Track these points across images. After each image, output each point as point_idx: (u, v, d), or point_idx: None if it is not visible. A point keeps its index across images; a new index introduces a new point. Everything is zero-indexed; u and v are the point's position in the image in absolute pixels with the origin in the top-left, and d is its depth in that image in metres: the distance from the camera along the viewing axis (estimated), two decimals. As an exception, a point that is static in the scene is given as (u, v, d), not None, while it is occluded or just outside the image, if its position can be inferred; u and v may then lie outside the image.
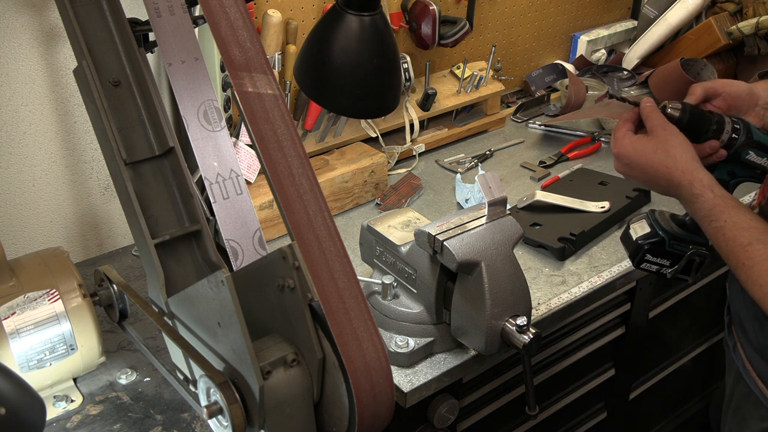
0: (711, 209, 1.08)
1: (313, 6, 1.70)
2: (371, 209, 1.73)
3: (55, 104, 1.46)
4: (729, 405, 1.37)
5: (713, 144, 1.19)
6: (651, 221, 1.27)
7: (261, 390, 0.78)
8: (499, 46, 2.16)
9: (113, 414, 1.19)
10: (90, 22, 1.04)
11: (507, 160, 1.95)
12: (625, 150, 1.18)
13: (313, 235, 0.81)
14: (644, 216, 1.29)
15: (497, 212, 1.22)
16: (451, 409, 1.34)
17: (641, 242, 1.26)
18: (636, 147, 1.17)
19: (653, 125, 1.17)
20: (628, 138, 1.19)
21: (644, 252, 1.26)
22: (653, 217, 1.27)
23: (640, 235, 1.26)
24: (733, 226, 1.04)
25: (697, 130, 1.18)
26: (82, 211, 1.58)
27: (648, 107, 1.19)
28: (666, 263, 1.27)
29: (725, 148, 1.19)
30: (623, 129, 1.21)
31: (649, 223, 1.27)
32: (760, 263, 1.01)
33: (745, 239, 1.03)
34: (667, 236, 1.24)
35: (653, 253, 1.26)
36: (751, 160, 1.19)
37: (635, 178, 1.20)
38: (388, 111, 1.38)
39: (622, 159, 1.19)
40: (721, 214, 1.06)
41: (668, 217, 1.27)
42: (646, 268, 1.28)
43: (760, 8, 2.13)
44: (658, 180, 1.16)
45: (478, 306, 1.16)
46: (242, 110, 0.84)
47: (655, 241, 1.25)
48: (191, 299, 0.89)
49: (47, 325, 1.11)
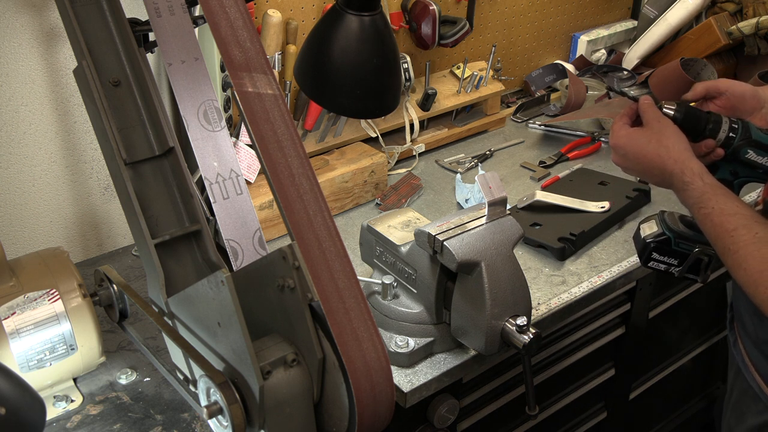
0: (700, 196, 1.10)
1: (313, 6, 1.70)
2: (371, 209, 1.73)
3: (55, 104, 1.46)
4: (729, 400, 1.38)
5: (709, 143, 1.20)
6: (659, 221, 1.29)
7: (261, 390, 0.78)
8: (499, 46, 2.16)
9: (113, 414, 1.19)
10: (90, 22, 1.04)
11: (507, 160, 1.95)
12: (621, 141, 1.22)
13: (313, 235, 0.81)
14: (654, 216, 1.31)
15: (497, 212, 1.22)
16: (451, 409, 1.34)
17: (648, 241, 1.28)
18: (631, 137, 1.21)
19: (649, 118, 1.21)
20: (624, 130, 1.23)
21: (651, 250, 1.28)
22: (661, 217, 1.30)
23: (648, 234, 1.29)
24: (720, 213, 1.07)
25: (693, 128, 1.20)
26: (82, 211, 1.58)
27: (645, 103, 1.23)
28: (674, 262, 1.28)
29: (723, 147, 1.20)
30: (620, 122, 1.25)
31: (657, 222, 1.29)
32: (744, 247, 1.03)
33: (731, 225, 1.05)
34: (673, 235, 1.26)
35: (660, 251, 1.28)
36: (751, 159, 1.20)
37: (630, 169, 1.24)
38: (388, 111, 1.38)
39: (618, 150, 1.23)
40: (708, 201, 1.09)
41: (677, 218, 1.29)
42: (654, 267, 1.30)
43: (760, 8, 2.13)
44: (651, 170, 1.19)
45: (478, 306, 1.16)
46: (242, 110, 0.84)
47: (662, 240, 1.27)
48: (191, 299, 0.89)
49: (47, 325, 1.11)
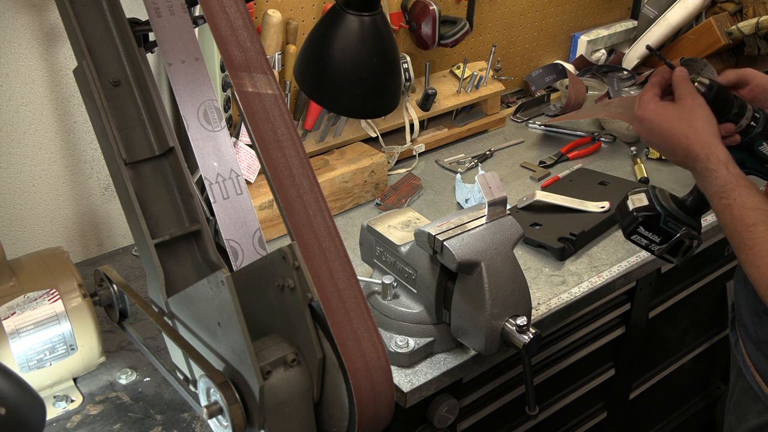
0: (723, 186, 1.07)
1: (313, 6, 1.70)
2: (371, 209, 1.73)
3: (55, 104, 1.46)
4: (730, 400, 1.38)
5: (729, 127, 1.18)
6: (651, 196, 1.27)
7: (261, 390, 0.78)
8: (499, 46, 2.16)
9: (113, 414, 1.19)
10: (90, 22, 1.04)
11: (507, 160, 1.95)
12: (649, 114, 1.17)
13: (313, 235, 0.81)
14: (644, 190, 1.28)
15: (497, 212, 1.22)
16: (451, 409, 1.34)
17: (636, 214, 1.25)
18: (660, 112, 1.16)
19: (682, 93, 1.16)
20: (654, 102, 1.18)
21: (638, 224, 1.25)
22: (653, 192, 1.27)
23: (637, 206, 1.26)
24: (741, 206, 1.04)
25: (720, 110, 1.17)
26: (82, 211, 1.58)
27: (680, 75, 1.17)
28: (656, 239, 1.26)
29: (741, 134, 1.18)
30: (650, 93, 1.19)
31: (648, 197, 1.26)
32: (762, 244, 1.01)
33: (750, 220, 1.02)
34: (664, 212, 1.24)
35: (646, 226, 1.25)
36: (764, 152, 1.19)
37: (653, 143, 1.19)
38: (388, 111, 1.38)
39: (645, 123, 1.18)
40: (731, 192, 1.06)
41: (668, 195, 1.26)
42: (635, 240, 1.28)
43: (760, 8, 2.13)
44: (675, 149, 1.14)
45: (478, 306, 1.16)
46: (242, 110, 0.84)
47: (651, 215, 1.24)
48: (191, 299, 0.89)
49: (47, 325, 1.11)
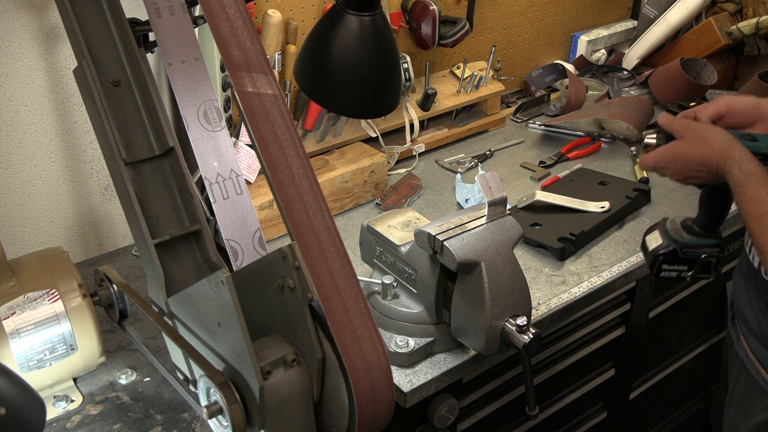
0: (736, 184, 1.13)
1: (313, 6, 1.70)
2: (371, 209, 1.73)
3: (55, 104, 1.46)
4: (731, 399, 1.38)
5: None
6: (662, 232, 1.32)
7: (261, 390, 0.78)
8: (499, 46, 2.16)
9: (113, 414, 1.19)
10: (90, 22, 1.04)
11: (507, 160, 1.95)
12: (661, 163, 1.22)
13: (313, 235, 0.81)
14: (657, 227, 1.34)
15: (497, 212, 1.22)
16: (451, 409, 1.34)
17: (656, 254, 1.31)
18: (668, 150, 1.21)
19: (678, 128, 1.21)
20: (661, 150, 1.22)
21: (660, 262, 1.31)
22: (664, 227, 1.32)
23: (654, 246, 1.32)
24: (750, 200, 1.10)
25: None
26: (82, 211, 1.58)
27: (665, 120, 1.23)
28: (683, 268, 1.32)
29: None
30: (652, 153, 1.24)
31: (661, 234, 1.32)
32: None
33: (757, 211, 1.09)
34: (678, 246, 1.29)
35: (669, 262, 1.31)
36: None
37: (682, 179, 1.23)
38: (388, 111, 1.38)
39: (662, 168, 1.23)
40: (742, 189, 1.12)
41: (679, 226, 1.31)
42: (666, 276, 1.33)
43: (760, 8, 2.13)
44: (699, 173, 1.19)
45: (478, 306, 1.16)
46: (242, 110, 0.84)
47: (669, 251, 1.30)
48: (191, 299, 0.89)
49: (47, 325, 1.11)
